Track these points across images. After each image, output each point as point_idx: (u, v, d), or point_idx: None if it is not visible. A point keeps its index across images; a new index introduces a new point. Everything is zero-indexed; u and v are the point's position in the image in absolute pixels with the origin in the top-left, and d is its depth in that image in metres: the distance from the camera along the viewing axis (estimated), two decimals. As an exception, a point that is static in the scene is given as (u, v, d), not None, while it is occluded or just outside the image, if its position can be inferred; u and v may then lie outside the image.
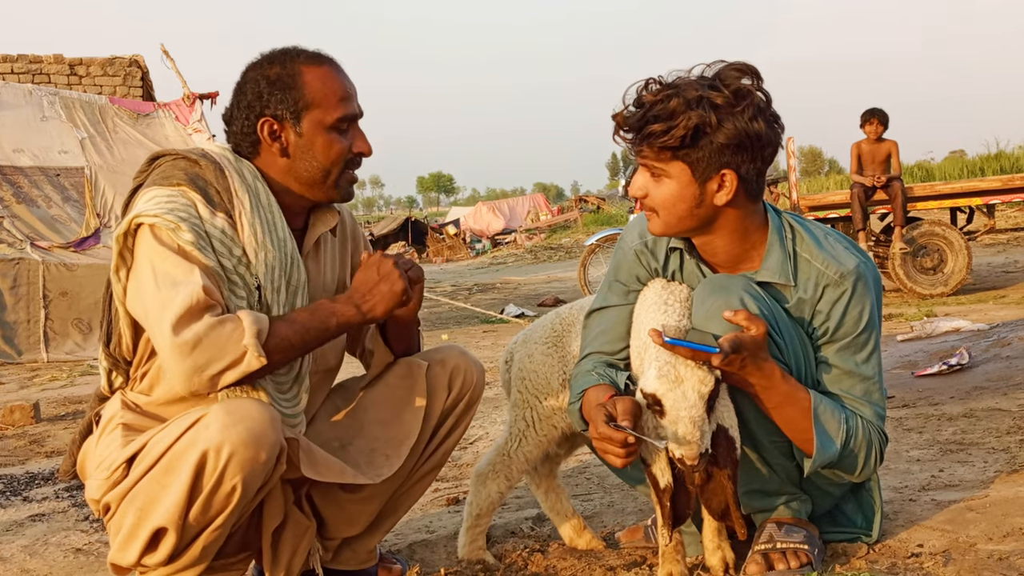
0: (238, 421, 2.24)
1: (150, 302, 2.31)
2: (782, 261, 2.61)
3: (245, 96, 2.55)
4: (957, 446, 3.94)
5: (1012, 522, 2.79)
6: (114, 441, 2.43)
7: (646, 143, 2.49)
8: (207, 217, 2.41)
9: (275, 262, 2.50)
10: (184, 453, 2.26)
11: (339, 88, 2.56)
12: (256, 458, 2.25)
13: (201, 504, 2.28)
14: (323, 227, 2.68)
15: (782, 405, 2.51)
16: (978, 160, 29.44)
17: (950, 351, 6.25)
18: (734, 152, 2.47)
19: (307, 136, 2.53)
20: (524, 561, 2.88)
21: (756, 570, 2.57)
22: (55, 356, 10.35)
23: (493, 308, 13.37)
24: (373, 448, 2.66)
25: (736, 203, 2.54)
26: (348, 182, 2.62)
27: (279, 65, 2.54)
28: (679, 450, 2.32)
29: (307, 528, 2.66)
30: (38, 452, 5.63)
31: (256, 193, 2.53)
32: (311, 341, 2.45)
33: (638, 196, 2.60)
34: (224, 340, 2.26)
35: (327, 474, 2.49)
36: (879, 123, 11.06)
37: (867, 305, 2.59)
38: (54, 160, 12.28)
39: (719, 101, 2.44)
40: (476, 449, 4.85)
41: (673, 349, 2.34)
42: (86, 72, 16.22)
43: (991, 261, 14.83)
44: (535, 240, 37.53)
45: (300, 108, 2.52)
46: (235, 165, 2.54)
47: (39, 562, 3.37)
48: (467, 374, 2.82)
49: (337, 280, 2.81)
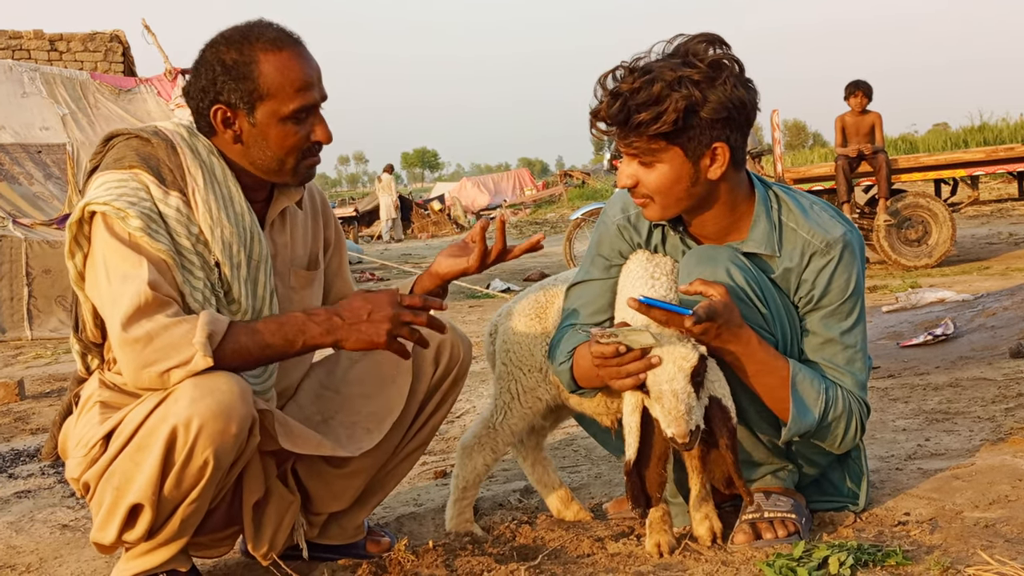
0: (207, 394, 2.23)
1: (103, 295, 2.33)
2: (768, 232, 2.60)
3: (200, 79, 2.48)
4: (943, 415, 3.96)
5: (997, 490, 2.80)
6: (92, 419, 2.43)
7: (635, 133, 2.46)
8: (160, 197, 2.39)
9: (232, 237, 2.47)
10: (155, 429, 2.25)
11: (297, 77, 2.45)
12: (226, 430, 2.25)
13: (174, 479, 2.28)
14: (286, 201, 2.66)
15: (760, 373, 2.51)
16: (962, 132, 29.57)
17: (935, 322, 6.28)
18: (723, 125, 2.46)
19: (260, 126, 2.46)
20: (512, 533, 2.88)
21: (744, 539, 2.58)
22: (39, 334, 10.30)
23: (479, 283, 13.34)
24: (355, 422, 2.64)
25: (727, 175, 2.54)
26: (307, 167, 2.57)
27: (236, 50, 2.44)
28: (669, 428, 2.32)
29: (291, 503, 2.66)
30: (23, 429, 5.61)
31: (211, 169, 2.50)
32: (272, 356, 2.38)
33: (628, 186, 2.57)
34: (176, 339, 2.25)
35: (304, 446, 2.48)
36: (864, 95, 11.07)
37: (853, 273, 2.59)
38: (35, 137, 12.19)
39: (698, 77, 2.42)
40: (463, 422, 4.85)
41: (648, 310, 2.33)
42: (67, 48, 16.11)
43: (975, 233, 14.88)
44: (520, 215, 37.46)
45: (254, 99, 2.44)
46: (189, 141, 2.50)
47: (25, 538, 3.35)
48: (453, 349, 2.81)
49: (309, 255, 2.78)
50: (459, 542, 2.79)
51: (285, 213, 2.69)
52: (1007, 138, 25.66)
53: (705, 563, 2.49)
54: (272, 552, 2.62)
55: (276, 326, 2.37)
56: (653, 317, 2.35)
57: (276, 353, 2.38)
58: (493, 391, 3.06)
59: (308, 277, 2.75)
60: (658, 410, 2.35)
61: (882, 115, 11.11)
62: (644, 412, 2.47)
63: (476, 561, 2.60)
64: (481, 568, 2.55)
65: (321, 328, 2.37)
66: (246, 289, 2.51)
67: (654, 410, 2.39)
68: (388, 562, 2.64)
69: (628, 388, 2.39)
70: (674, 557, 2.55)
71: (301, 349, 2.39)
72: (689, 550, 2.58)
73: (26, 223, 10.88)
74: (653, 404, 2.37)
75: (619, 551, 2.64)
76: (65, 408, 2.62)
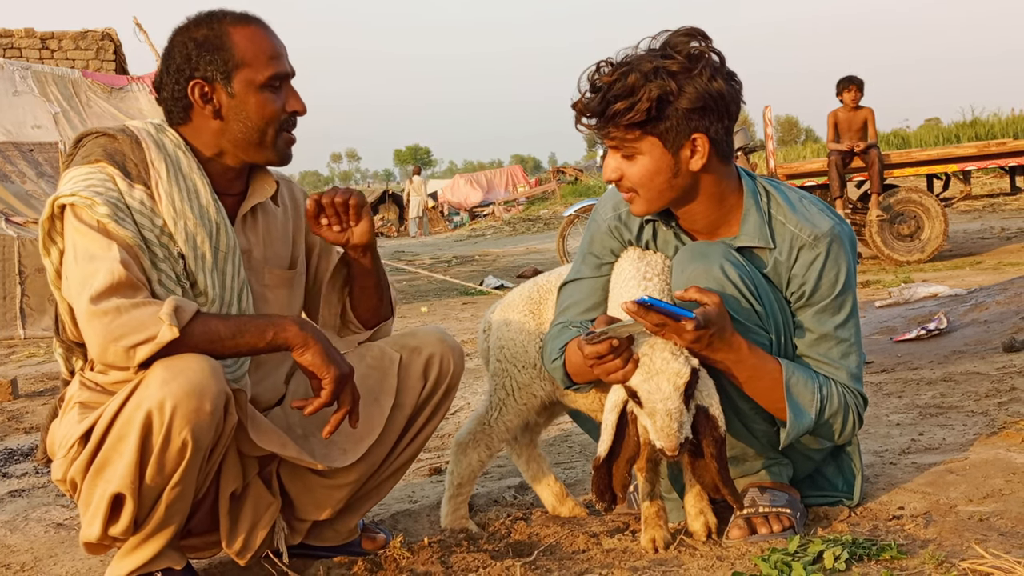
0: (177, 375, 2.24)
1: (72, 277, 2.34)
2: (760, 224, 2.61)
3: (174, 60, 2.53)
4: (936, 410, 3.97)
5: (991, 483, 2.81)
6: (72, 419, 2.44)
7: (612, 124, 2.49)
8: (125, 190, 2.42)
9: (196, 228, 2.49)
10: (131, 417, 2.26)
11: (268, 47, 2.54)
12: (200, 408, 2.25)
13: (155, 464, 2.28)
14: (260, 196, 2.66)
15: (752, 378, 2.52)
16: (954, 127, 29.54)
17: (928, 316, 6.29)
18: (700, 115, 2.47)
19: (239, 96, 2.51)
20: (507, 529, 2.88)
21: (739, 534, 2.59)
22: (32, 332, 10.28)
23: (472, 280, 13.35)
24: (333, 441, 2.63)
25: (710, 167, 2.54)
26: (286, 143, 2.60)
27: (206, 27, 2.52)
28: (658, 442, 2.35)
29: (270, 503, 2.65)
30: (16, 428, 5.61)
31: (176, 162, 2.52)
32: (242, 345, 2.38)
33: (613, 179, 2.59)
34: (145, 317, 2.26)
35: (268, 442, 2.49)
36: (857, 90, 11.09)
37: (842, 268, 2.60)
38: (27, 135, 12.15)
39: (675, 68, 2.44)
40: (458, 419, 4.85)
41: (647, 312, 2.33)
42: (58, 46, 16.06)
43: (967, 227, 14.91)
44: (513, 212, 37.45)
45: (230, 68, 2.50)
46: (154, 136, 2.53)
47: (20, 537, 3.35)
48: (443, 362, 2.78)
49: (290, 255, 2.78)
50: (454, 539, 2.79)
51: (258, 210, 2.69)
52: (998, 133, 25.64)
53: (700, 558, 2.49)
54: (247, 552, 2.60)
55: (249, 317, 2.44)
56: (651, 319, 2.34)
57: (246, 343, 2.38)
58: (487, 388, 3.06)
59: (285, 277, 2.74)
60: (649, 423, 2.37)
61: (874, 110, 11.12)
62: (622, 412, 2.48)
63: (472, 557, 2.60)
64: (477, 564, 2.56)
65: (293, 322, 2.40)
66: (212, 279, 2.51)
67: (643, 420, 2.40)
68: (384, 559, 2.64)
69: (626, 380, 2.40)
70: (669, 552, 2.55)
71: (271, 342, 2.39)
72: (684, 545, 2.59)
73: (19, 221, 10.85)
74: (644, 416, 2.39)
75: (614, 547, 2.65)
76: (52, 411, 2.63)
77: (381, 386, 2.70)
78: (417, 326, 2.91)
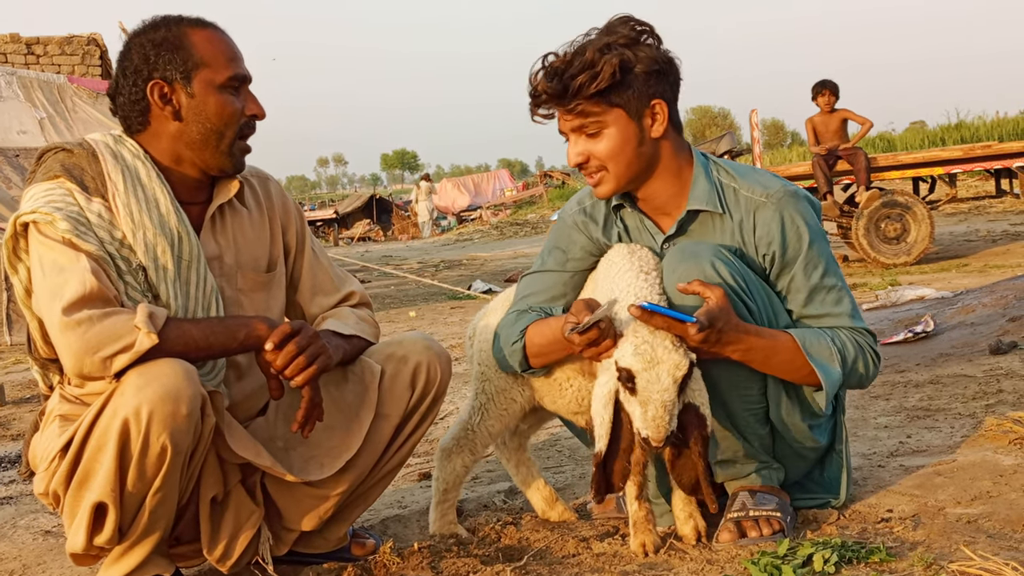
0: (151, 380, 2.24)
1: (41, 290, 2.35)
2: (708, 190, 2.68)
3: (131, 62, 2.53)
4: (924, 412, 3.98)
5: (979, 485, 2.82)
6: (52, 433, 2.45)
7: (577, 98, 2.55)
8: (84, 204, 2.43)
9: (156, 239, 2.48)
10: (108, 426, 2.26)
11: (226, 48, 2.57)
12: (176, 412, 2.25)
13: (135, 471, 2.28)
14: (223, 197, 2.66)
15: (769, 357, 2.55)
16: (939, 130, 29.63)
17: (915, 319, 6.30)
18: (657, 80, 2.59)
19: (199, 96, 2.52)
20: (497, 534, 2.88)
21: (728, 538, 2.59)
22: (19, 339, 10.18)
23: (460, 284, 13.33)
24: (312, 455, 2.63)
25: (668, 134, 2.64)
26: (241, 151, 2.61)
27: (164, 29, 2.53)
28: (647, 431, 2.35)
29: (252, 512, 2.64)
30: (3, 435, 5.59)
31: (135, 172, 2.52)
32: (215, 346, 2.41)
33: (579, 163, 2.65)
34: (119, 326, 2.27)
35: (243, 449, 2.49)
36: (831, 94, 11.30)
37: (802, 219, 2.65)
38: (13, 141, 12.09)
39: (624, 41, 2.56)
40: (446, 424, 4.84)
41: (650, 317, 2.35)
42: (43, 51, 15.98)
43: (953, 230, 14.97)
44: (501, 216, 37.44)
45: (190, 68, 2.51)
46: (112, 148, 2.54)
47: (8, 545, 3.34)
48: (430, 370, 2.76)
49: (269, 258, 2.76)
50: (444, 544, 2.79)
51: (226, 213, 2.68)
52: (984, 136, 25.76)
53: (690, 562, 2.49)
54: (227, 559, 2.59)
55: (219, 319, 2.49)
56: (655, 324, 2.36)
57: (219, 344, 2.41)
58: (471, 392, 3.07)
59: (260, 280, 2.72)
60: (639, 412, 2.36)
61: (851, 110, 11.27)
62: (616, 405, 2.48)
63: (462, 563, 2.59)
64: (467, 569, 2.55)
65: (264, 322, 2.43)
66: (174, 290, 2.50)
67: (631, 407, 2.40)
68: (373, 564, 2.63)
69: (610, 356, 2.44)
70: (659, 556, 2.56)
71: (243, 341, 2.42)
72: (674, 549, 2.59)
73: (4, 227, 10.81)
74: (634, 404, 2.38)
75: (604, 551, 2.65)
76: (32, 426, 2.62)
77: (362, 400, 2.69)
78: (404, 333, 2.90)
